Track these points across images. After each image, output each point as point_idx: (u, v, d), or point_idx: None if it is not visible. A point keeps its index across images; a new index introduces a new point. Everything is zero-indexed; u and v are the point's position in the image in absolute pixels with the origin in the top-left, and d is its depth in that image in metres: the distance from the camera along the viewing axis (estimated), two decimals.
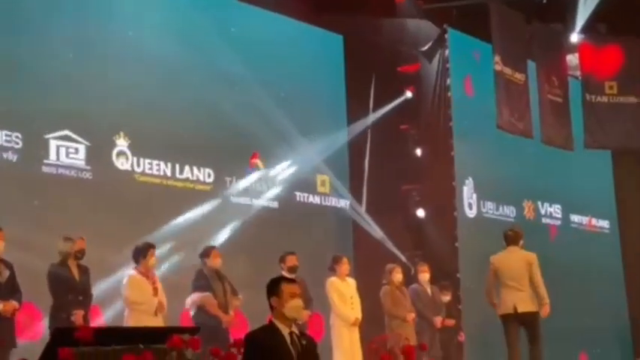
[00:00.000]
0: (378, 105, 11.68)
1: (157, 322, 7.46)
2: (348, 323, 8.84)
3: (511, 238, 8.63)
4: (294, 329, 4.66)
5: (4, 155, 8.23)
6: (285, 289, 4.69)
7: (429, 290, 10.14)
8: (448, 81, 11.68)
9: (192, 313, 8.04)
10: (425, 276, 10.14)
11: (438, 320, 9.94)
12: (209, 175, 9.94)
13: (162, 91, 9.50)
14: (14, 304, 6.72)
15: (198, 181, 9.84)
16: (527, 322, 8.33)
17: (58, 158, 8.63)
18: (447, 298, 10.48)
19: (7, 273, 6.70)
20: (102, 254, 8.09)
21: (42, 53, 8.57)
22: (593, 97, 12.28)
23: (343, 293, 8.95)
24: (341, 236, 11.21)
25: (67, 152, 8.71)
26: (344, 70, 11.65)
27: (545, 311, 8.29)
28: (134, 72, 9.28)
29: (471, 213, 12.30)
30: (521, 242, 8.65)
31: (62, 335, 4.55)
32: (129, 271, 7.72)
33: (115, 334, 5.00)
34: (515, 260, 8.46)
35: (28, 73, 8.45)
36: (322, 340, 9.53)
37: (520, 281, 8.33)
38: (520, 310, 8.26)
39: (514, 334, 8.36)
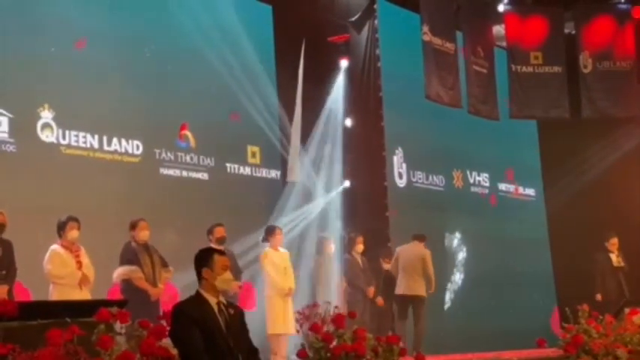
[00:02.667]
0: (308, 76, 11.65)
1: (83, 296, 7.37)
2: (283, 293, 8.87)
3: (418, 236, 10.49)
4: (222, 299, 4.66)
5: None
6: (217, 261, 4.68)
7: (360, 261, 10.26)
8: (377, 51, 11.72)
9: (119, 284, 7.96)
10: (359, 247, 10.27)
11: (370, 290, 10.08)
12: (137, 147, 9.80)
13: (88, 61, 9.29)
14: None
15: (126, 153, 9.70)
16: (416, 303, 10.20)
17: None
18: (387, 266, 10.63)
19: None
20: (27, 228, 7.93)
21: None
22: (518, 67, 12.49)
23: (277, 264, 9.00)
24: (273, 207, 11.19)
25: None
26: (273, 41, 11.56)
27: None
28: (58, 41, 9.06)
29: (402, 182, 12.45)
30: (424, 242, 10.48)
31: None
32: (53, 246, 7.58)
33: (40, 309, 4.91)
34: (414, 253, 10.31)
35: None
36: (255, 310, 9.58)
37: (414, 270, 10.17)
38: (411, 293, 10.15)
39: (404, 311, 10.32)
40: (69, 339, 4.29)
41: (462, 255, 13.47)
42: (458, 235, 13.39)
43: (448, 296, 13.10)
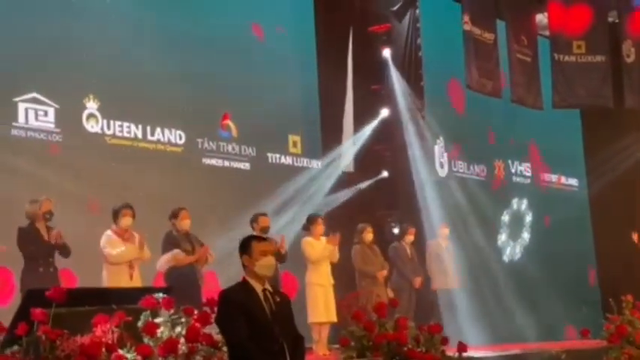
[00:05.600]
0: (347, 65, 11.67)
1: (134, 283, 7.53)
2: (323, 282, 8.88)
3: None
4: (268, 286, 4.69)
5: None
6: (255, 247, 4.71)
7: (408, 251, 10.28)
8: (419, 41, 11.67)
9: (163, 273, 8.07)
10: (410, 238, 10.31)
11: (417, 280, 10.09)
12: (180, 137, 9.91)
13: (132, 52, 9.40)
14: None
15: (169, 142, 9.80)
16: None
17: (27, 121, 8.56)
18: None
19: None
20: (72, 217, 8.06)
21: (9, 15, 8.44)
22: (561, 56, 12.34)
23: (318, 253, 9.01)
24: (313, 196, 11.22)
25: (36, 115, 8.63)
26: (314, 30, 11.58)
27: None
28: (104, 33, 9.18)
29: (443, 172, 12.42)
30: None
31: (35, 297, 4.56)
32: (107, 231, 7.72)
33: (87, 295, 5.02)
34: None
35: None
36: (296, 300, 9.63)
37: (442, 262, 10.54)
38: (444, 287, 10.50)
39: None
40: (116, 325, 4.38)
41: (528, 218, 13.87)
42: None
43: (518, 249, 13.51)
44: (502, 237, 13.52)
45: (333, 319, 8.79)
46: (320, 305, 8.82)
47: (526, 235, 13.88)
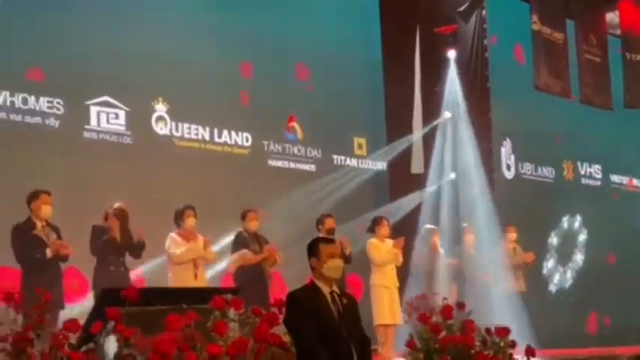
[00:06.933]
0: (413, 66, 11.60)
1: (199, 283, 7.61)
2: (389, 284, 8.87)
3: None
4: (335, 288, 4.71)
5: (47, 121, 8.39)
6: (323, 249, 4.73)
7: (472, 252, 10.22)
8: (485, 41, 11.57)
9: (232, 273, 8.16)
10: (471, 238, 10.24)
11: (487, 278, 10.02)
12: (247, 139, 10.01)
13: (200, 55, 9.53)
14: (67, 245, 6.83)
15: (236, 145, 9.92)
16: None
17: (98, 124, 8.77)
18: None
19: (53, 236, 6.84)
20: (142, 218, 8.20)
21: (82, 20, 8.66)
22: (633, 55, 12.09)
23: (383, 254, 9.00)
24: (379, 198, 11.22)
25: (107, 118, 8.83)
26: (380, 32, 11.57)
27: None
28: (172, 37, 9.32)
29: (509, 174, 12.27)
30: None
31: (109, 295, 4.66)
32: (170, 233, 7.84)
33: (159, 295, 5.10)
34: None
35: (68, 40, 8.54)
36: (361, 302, 9.62)
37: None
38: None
39: None
40: (186, 324, 4.44)
41: (582, 237, 13.48)
42: (578, 218, 13.14)
43: (569, 274, 13.10)
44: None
45: (399, 321, 8.74)
46: (385, 307, 8.80)
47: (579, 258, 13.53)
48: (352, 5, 11.39)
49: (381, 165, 11.44)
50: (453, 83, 11.65)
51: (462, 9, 11.83)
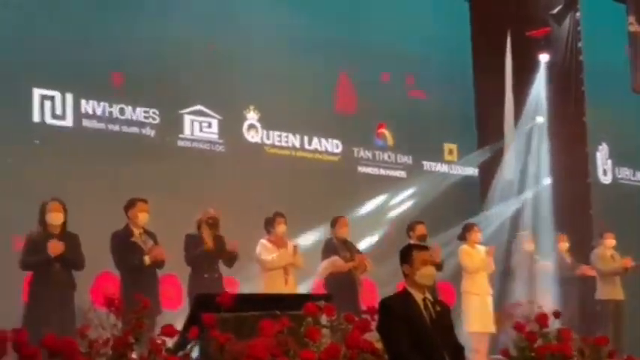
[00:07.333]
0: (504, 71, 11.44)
1: (289, 289, 7.65)
2: (480, 291, 8.75)
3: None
4: (428, 295, 4.68)
5: (143, 131, 8.64)
6: (416, 256, 4.71)
7: (567, 260, 9.98)
8: (580, 44, 11.31)
9: (323, 279, 8.19)
10: (564, 245, 10.00)
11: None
12: (337, 146, 10.06)
13: (290, 63, 9.62)
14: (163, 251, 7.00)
15: (326, 151, 9.97)
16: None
17: (192, 132, 8.95)
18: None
19: (150, 243, 6.98)
20: (235, 225, 8.31)
21: (177, 31, 8.85)
22: None
23: (475, 261, 8.89)
24: (470, 204, 11.09)
25: (200, 126, 9.02)
26: (470, 37, 11.45)
27: None
28: (262, 46, 9.44)
29: (606, 179, 11.95)
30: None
31: (204, 301, 4.74)
32: (261, 240, 7.92)
33: (252, 301, 5.16)
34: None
35: (162, 52, 8.75)
36: (453, 309, 9.51)
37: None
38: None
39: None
40: (280, 330, 4.49)
41: None
42: None
43: None
44: None
45: (491, 329, 8.63)
46: (476, 315, 8.70)
47: None
48: (441, 10, 11.30)
49: (472, 170, 11.31)
50: (544, 87, 11.43)
51: (554, 11, 11.61)
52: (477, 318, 8.68)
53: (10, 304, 6.70)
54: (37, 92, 8.14)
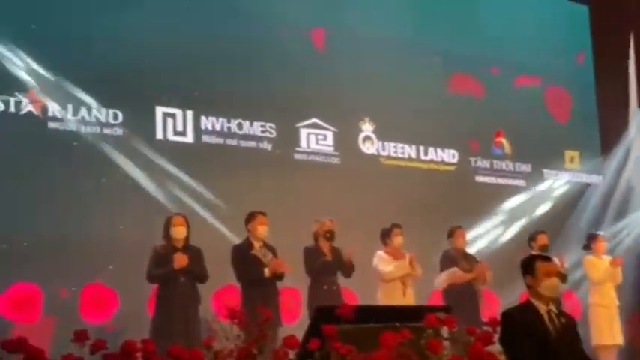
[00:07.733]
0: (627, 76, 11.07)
1: (407, 301, 7.61)
2: (607, 302, 8.48)
3: None
4: (552, 307, 4.57)
5: (260, 145, 8.78)
6: (540, 267, 4.61)
7: None
8: None
9: (442, 291, 8.11)
10: None
11: None
12: (453, 156, 9.96)
13: (404, 74, 9.62)
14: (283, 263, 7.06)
15: (442, 162, 9.89)
16: None
17: (308, 145, 9.05)
18: None
19: (269, 255, 7.08)
20: (351, 236, 8.32)
21: (292, 46, 9.04)
22: None
23: (600, 272, 8.63)
24: (593, 214, 10.75)
25: (316, 139, 9.11)
26: (590, 39, 11.15)
27: None
28: (376, 58, 9.48)
29: None
30: None
31: (324, 313, 4.76)
32: (378, 252, 7.91)
33: (372, 313, 5.15)
34: None
35: (280, 67, 8.90)
36: (579, 320, 9.24)
37: None
38: None
39: None
40: (401, 342, 4.46)
41: None
42: None
43: None
44: None
45: (619, 341, 8.37)
46: (603, 327, 8.45)
47: None
48: (560, 15, 11.06)
49: (595, 178, 10.97)
50: None
51: None
52: (604, 330, 8.43)
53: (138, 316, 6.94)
54: (159, 110, 8.42)
